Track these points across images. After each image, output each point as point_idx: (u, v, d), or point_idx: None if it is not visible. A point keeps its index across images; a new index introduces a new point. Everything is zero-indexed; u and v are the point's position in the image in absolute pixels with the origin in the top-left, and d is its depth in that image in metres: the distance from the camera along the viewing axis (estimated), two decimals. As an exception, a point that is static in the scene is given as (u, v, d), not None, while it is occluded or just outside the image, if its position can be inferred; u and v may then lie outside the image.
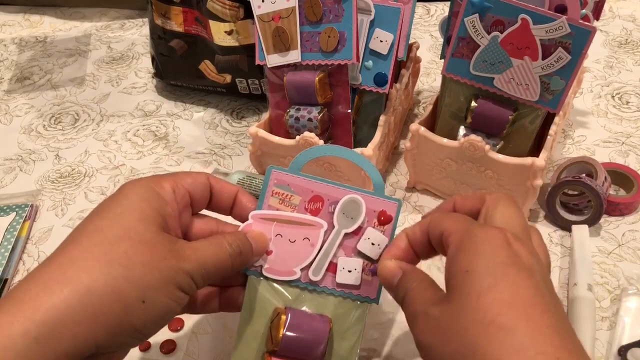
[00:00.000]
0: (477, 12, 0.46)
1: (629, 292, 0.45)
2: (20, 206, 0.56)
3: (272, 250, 0.35)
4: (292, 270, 0.36)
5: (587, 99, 0.66)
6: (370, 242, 0.36)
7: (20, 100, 0.73)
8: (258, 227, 0.35)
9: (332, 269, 0.36)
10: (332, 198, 0.36)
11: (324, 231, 0.36)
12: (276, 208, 0.36)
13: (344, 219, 0.36)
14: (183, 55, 0.66)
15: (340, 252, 0.36)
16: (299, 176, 0.36)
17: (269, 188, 0.36)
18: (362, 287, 0.36)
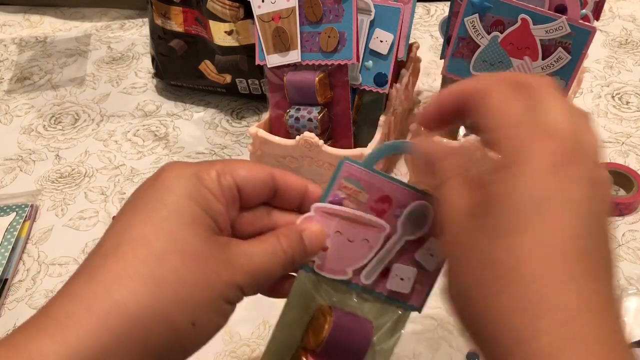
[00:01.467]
0: (477, 12, 0.46)
1: (628, 292, 0.45)
2: (20, 206, 0.56)
3: (328, 247, 0.33)
4: (343, 270, 0.33)
5: (587, 99, 0.66)
6: (430, 254, 0.34)
7: (20, 100, 0.73)
8: (319, 221, 0.32)
9: (383, 274, 0.34)
10: (400, 201, 0.33)
11: (385, 235, 0.33)
12: (341, 203, 0.33)
13: (410, 225, 0.33)
14: (183, 55, 0.66)
15: (396, 258, 0.34)
16: (372, 173, 0.33)
17: (337, 180, 0.33)
18: (410, 294, 0.34)
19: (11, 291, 0.50)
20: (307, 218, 0.32)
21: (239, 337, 0.45)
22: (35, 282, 0.50)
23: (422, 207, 0.33)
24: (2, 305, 0.49)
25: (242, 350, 0.44)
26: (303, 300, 0.34)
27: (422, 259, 0.34)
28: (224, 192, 0.28)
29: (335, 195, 0.33)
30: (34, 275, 0.51)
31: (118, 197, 0.58)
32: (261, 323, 0.46)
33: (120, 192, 0.58)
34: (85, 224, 0.55)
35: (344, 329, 0.32)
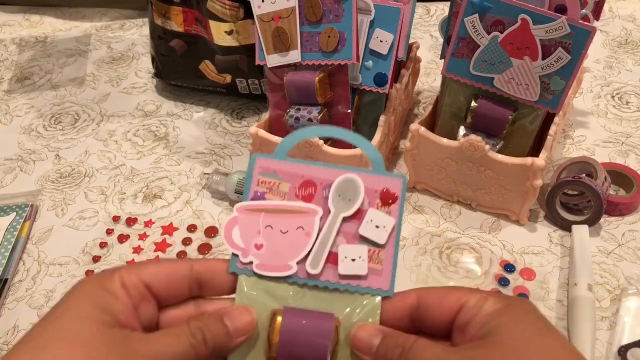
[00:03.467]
0: (477, 12, 0.46)
1: (628, 292, 0.45)
2: (20, 206, 0.56)
3: (262, 244, 0.32)
4: (287, 265, 0.31)
5: (587, 99, 0.66)
6: (374, 225, 0.31)
7: (20, 100, 0.73)
8: (243, 221, 0.32)
9: (333, 260, 0.31)
10: (325, 181, 0.32)
11: (319, 217, 0.32)
12: (263, 198, 0.32)
13: (341, 201, 0.32)
14: (183, 55, 0.66)
15: (340, 239, 0.32)
16: (286, 161, 0.32)
17: (253, 177, 0.32)
18: (371, 277, 0.31)
19: (11, 291, 0.50)
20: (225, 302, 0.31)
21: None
22: (35, 282, 0.50)
23: (347, 180, 0.32)
24: (2, 305, 0.49)
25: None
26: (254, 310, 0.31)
27: (368, 232, 0.31)
28: (128, 290, 0.28)
29: (255, 192, 0.32)
30: (34, 275, 0.51)
31: (118, 197, 0.58)
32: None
33: (120, 192, 0.58)
34: (85, 224, 0.55)
35: (297, 327, 0.30)
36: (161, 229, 0.54)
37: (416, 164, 0.53)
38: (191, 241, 0.53)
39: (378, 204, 0.32)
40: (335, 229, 0.32)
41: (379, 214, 0.32)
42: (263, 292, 0.31)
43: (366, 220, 0.32)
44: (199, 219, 0.55)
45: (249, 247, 0.32)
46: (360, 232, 0.32)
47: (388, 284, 0.31)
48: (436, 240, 0.51)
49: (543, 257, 0.49)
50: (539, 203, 0.53)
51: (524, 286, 0.47)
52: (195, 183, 0.59)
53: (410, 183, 0.56)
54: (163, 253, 0.52)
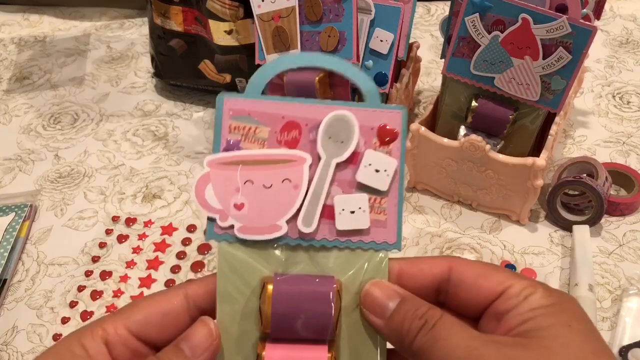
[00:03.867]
0: (478, 11, 0.46)
1: (629, 292, 0.45)
2: (19, 206, 0.56)
3: (242, 203, 0.26)
4: (275, 225, 0.26)
5: (587, 98, 0.66)
6: (374, 169, 0.27)
7: (19, 100, 0.72)
8: (217, 177, 0.26)
9: (328, 215, 0.27)
10: (311, 121, 0.27)
11: (308, 166, 0.27)
12: (239, 147, 0.27)
13: (332, 144, 0.27)
14: (183, 54, 0.66)
15: (335, 190, 0.27)
16: (261, 100, 0.27)
17: (224, 123, 0.27)
18: (374, 230, 0.27)
19: (10, 291, 0.50)
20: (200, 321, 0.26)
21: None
22: (34, 282, 0.50)
23: (338, 118, 0.27)
24: (1, 305, 0.48)
25: None
26: (239, 280, 0.26)
27: (367, 178, 0.27)
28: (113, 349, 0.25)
29: (227, 141, 0.26)
30: (33, 276, 0.51)
31: (117, 197, 0.58)
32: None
33: (120, 192, 0.58)
34: (84, 224, 0.55)
35: (292, 296, 0.25)
36: (161, 229, 0.54)
37: (416, 164, 0.53)
38: (191, 241, 0.53)
39: (376, 143, 0.27)
40: (329, 178, 0.27)
41: (378, 155, 0.27)
42: (249, 260, 0.26)
43: (364, 165, 0.27)
44: (199, 219, 0.55)
45: (228, 208, 0.26)
46: (357, 178, 0.27)
47: (394, 235, 0.27)
48: (437, 240, 0.51)
49: (544, 257, 0.49)
50: (540, 203, 0.53)
51: (524, 286, 0.47)
52: (195, 183, 0.59)
53: (411, 183, 0.56)
54: (162, 253, 0.52)
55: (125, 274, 0.50)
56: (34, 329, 0.47)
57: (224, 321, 0.26)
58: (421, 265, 0.26)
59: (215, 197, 0.26)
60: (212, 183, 0.26)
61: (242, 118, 0.27)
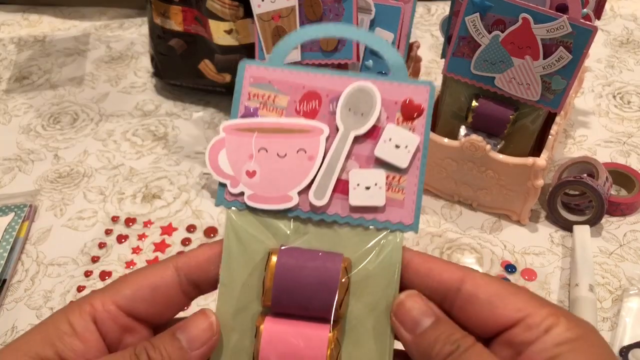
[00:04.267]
0: (478, 11, 0.46)
1: (630, 292, 0.45)
2: (18, 206, 0.56)
3: (255, 171, 0.25)
4: (286, 196, 0.25)
5: (588, 98, 0.65)
6: (394, 145, 0.25)
7: (19, 100, 0.72)
8: (232, 143, 0.25)
9: (342, 189, 0.25)
10: (332, 93, 0.26)
11: (325, 137, 0.25)
12: (256, 115, 0.26)
13: (352, 116, 0.25)
14: (182, 54, 0.66)
15: (351, 164, 0.26)
16: (284, 68, 0.26)
17: (243, 89, 0.26)
18: (389, 209, 0.25)
19: (10, 291, 0.49)
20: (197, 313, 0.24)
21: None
22: (34, 283, 0.50)
23: (360, 90, 0.25)
24: (1, 305, 0.48)
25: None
26: (246, 250, 0.25)
27: (386, 153, 0.25)
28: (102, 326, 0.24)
29: (245, 107, 0.26)
30: (33, 276, 0.51)
31: (117, 197, 0.58)
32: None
33: (120, 192, 0.58)
34: (84, 224, 0.55)
35: (295, 270, 0.24)
36: (160, 229, 0.54)
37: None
38: (190, 241, 0.52)
39: (399, 118, 0.26)
40: (345, 151, 0.26)
41: (400, 130, 0.25)
42: (257, 230, 0.25)
43: (383, 139, 0.25)
44: (199, 219, 0.55)
45: (239, 174, 0.26)
46: (376, 153, 0.25)
47: (412, 216, 0.25)
48: (437, 240, 0.51)
49: (544, 257, 0.49)
50: (540, 203, 0.53)
51: (525, 287, 0.46)
52: (195, 183, 0.58)
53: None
54: (162, 254, 0.52)
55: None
56: (33, 329, 0.47)
57: (225, 291, 0.25)
58: (432, 265, 0.25)
59: (228, 163, 0.26)
60: (226, 148, 0.26)
61: (262, 85, 0.26)
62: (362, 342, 0.25)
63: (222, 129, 0.26)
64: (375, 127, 0.25)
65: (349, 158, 0.26)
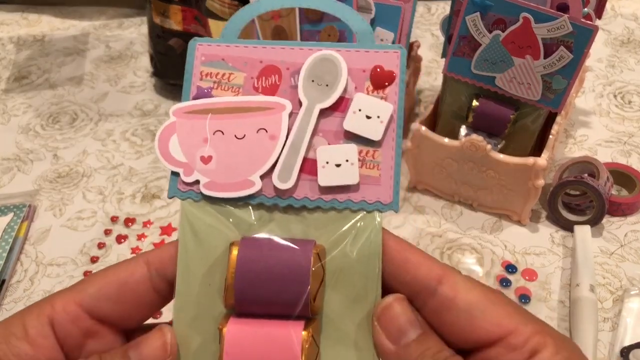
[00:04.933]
0: (479, 10, 0.45)
1: (631, 292, 0.45)
2: (18, 206, 0.56)
3: (210, 156, 0.23)
4: (247, 181, 0.23)
5: (589, 98, 0.65)
6: (365, 115, 0.23)
7: (18, 99, 0.72)
8: (184, 127, 0.23)
9: (310, 170, 0.23)
10: (292, 65, 0.23)
11: (287, 114, 0.23)
12: (210, 95, 0.23)
13: (316, 88, 0.23)
14: (182, 54, 0.65)
15: (318, 140, 0.23)
16: (237, 44, 0.24)
17: (195, 69, 0.24)
18: (364, 187, 0.23)
19: (9, 292, 0.49)
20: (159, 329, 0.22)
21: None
22: (33, 283, 0.50)
23: (323, 59, 0.23)
24: (0, 306, 0.48)
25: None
26: (204, 244, 0.22)
27: (356, 126, 0.22)
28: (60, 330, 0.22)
29: (198, 89, 0.23)
30: (32, 276, 0.50)
31: (116, 197, 0.57)
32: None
33: (119, 192, 0.58)
34: (83, 225, 0.55)
35: (259, 259, 0.21)
36: (160, 230, 0.54)
37: (417, 163, 0.53)
38: (190, 242, 0.52)
39: (368, 88, 0.23)
40: (311, 127, 0.23)
41: (370, 99, 0.23)
42: (217, 221, 0.23)
43: (352, 110, 0.23)
44: (198, 219, 0.54)
45: (193, 161, 0.23)
46: (345, 126, 0.23)
47: (390, 194, 0.22)
48: (437, 240, 0.51)
49: (545, 257, 0.49)
50: (541, 203, 0.53)
51: (525, 287, 0.46)
52: (194, 183, 0.58)
53: (411, 183, 0.55)
54: (162, 254, 0.51)
55: (124, 275, 0.50)
56: (32, 329, 0.46)
57: (183, 293, 0.22)
58: (409, 255, 0.22)
59: (180, 149, 0.23)
60: (177, 133, 0.23)
61: (215, 64, 0.24)
62: (343, 340, 0.22)
63: (171, 112, 0.23)
64: (342, 98, 0.23)
65: (316, 134, 0.23)
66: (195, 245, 0.22)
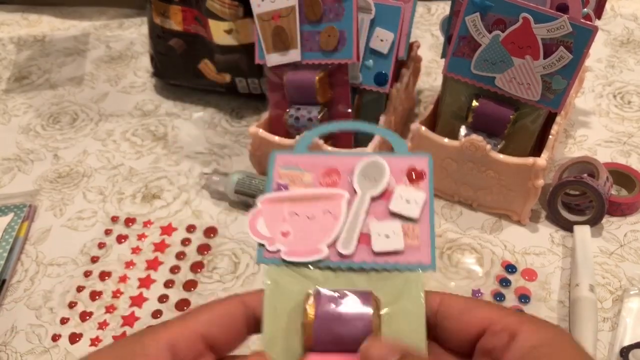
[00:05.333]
0: (479, 11, 0.46)
1: (630, 292, 0.45)
2: (18, 206, 0.56)
3: (288, 231, 0.30)
4: (317, 248, 0.29)
5: (588, 98, 0.65)
6: (405, 200, 0.30)
7: (18, 99, 0.72)
8: (267, 211, 0.31)
9: (365, 241, 0.29)
10: (348, 168, 0.31)
11: (346, 200, 0.30)
12: (287, 188, 0.31)
13: (366, 182, 0.31)
14: (182, 54, 0.66)
15: (371, 219, 0.30)
16: (306, 154, 0.32)
17: (275, 171, 0.31)
18: (408, 252, 0.29)
19: (9, 292, 0.49)
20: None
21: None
22: (33, 283, 0.50)
23: (371, 162, 0.31)
24: (0, 305, 0.48)
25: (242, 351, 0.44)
26: (285, 299, 0.28)
27: (399, 208, 0.30)
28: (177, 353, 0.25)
29: (277, 185, 0.31)
30: (32, 276, 0.51)
31: (116, 197, 0.57)
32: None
33: (119, 192, 0.58)
34: (83, 225, 0.55)
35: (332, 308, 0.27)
36: (160, 230, 0.54)
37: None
38: (190, 242, 0.52)
39: (405, 181, 0.31)
40: (364, 209, 0.30)
41: (408, 189, 0.30)
42: (294, 280, 0.29)
43: (395, 197, 0.30)
44: (198, 219, 0.54)
45: (275, 235, 0.30)
46: (390, 208, 0.30)
47: (428, 257, 0.29)
48: (437, 240, 0.51)
49: (545, 257, 0.49)
50: (541, 203, 0.53)
51: (525, 287, 0.46)
52: (195, 183, 0.58)
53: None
54: (162, 253, 0.52)
55: (125, 275, 0.50)
56: (32, 329, 0.46)
57: (270, 338, 0.28)
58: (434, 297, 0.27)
59: (266, 227, 0.30)
60: (262, 216, 0.30)
61: (290, 167, 0.32)
62: None
63: (259, 202, 0.30)
64: (386, 190, 0.30)
65: (368, 215, 0.30)
66: (278, 299, 0.28)
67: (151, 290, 0.49)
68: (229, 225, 0.53)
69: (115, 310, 0.47)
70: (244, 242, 0.52)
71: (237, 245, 0.52)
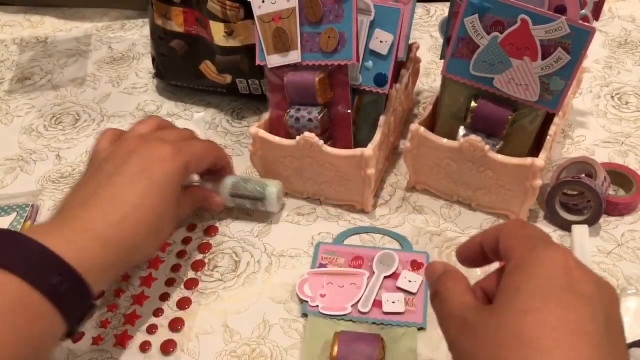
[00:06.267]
0: (477, 12, 0.46)
1: (628, 292, 0.45)
2: (20, 206, 0.56)
3: (325, 294, 0.46)
4: (343, 307, 0.45)
5: (586, 99, 0.66)
6: (408, 280, 0.46)
7: (20, 100, 0.73)
8: (312, 281, 0.47)
9: (378, 305, 0.45)
10: (369, 256, 0.48)
11: (366, 277, 0.46)
12: (325, 266, 0.48)
13: (382, 266, 0.47)
14: (183, 55, 0.66)
15: (383, 291, 0.46)
16: (342, 245, 0.50)
17: (319, 255, 0.49)
18: (407, 314, 0.44)
19: (12, 291, 0.50)
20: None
21: (239, 336, 0.45)
22: (35, 282, 0.50)
23: (386, 253, 0.48)
24: (2, 304, 0.49)
25: (242, 350, 0.44)
26: (319, 337, 0.43)
27: (403, 285, 0.46)
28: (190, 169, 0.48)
29: (319, 264, 0.48)
30: (35, 275, 0.51)
31: (118, 197, 0.58)
32: (261, 322, 0.46)
33: (121, 192, 0.58)
34: (85, 224, 0.55)
35: (350, 342, 0.41)
36: (161, 229, 0.54)
37: (416, 164, 0.54)
38: (191, 240, 0.53)
39: (409, 268, 0.47)
40: (379, 284, 0.46)
41: (411, 273, 0.47)
42: (325, 325, 0.44)
43: (401, 277, 0.46)
44: (199, 218, 0.55)
45: (316, 296, 0.46)
46: (397, 284, 0.46)
47: (421, 319, 0.44)
48: (436, 239, 0.51)
49: (542, 257, 0.49)
50: (539, 203, 0.53)
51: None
52: (196, 183, 0.59)
53: (410, 183, 0.56)
54: (162, 252, 0.52)
55: (126, 273, 0.50)
56: (35, 327, 0.47)
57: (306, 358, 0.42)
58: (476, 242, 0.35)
59: (309, 290, 0.46)
60: (308, 282, 0.47)
61: (329, 253, 0.49)
62: None
63: (306, 273, 0.47)
64: (395, 272, 0.47)
65: (381, 288, 0.46)
66: (315, 338, 0.43)
67: (152, 288, 0.49)
68: (230, 224, 0.54)
69: (117, 308, 0.48)
70: (244, 241, 0.52)
71: (238, 243, 0.52)
